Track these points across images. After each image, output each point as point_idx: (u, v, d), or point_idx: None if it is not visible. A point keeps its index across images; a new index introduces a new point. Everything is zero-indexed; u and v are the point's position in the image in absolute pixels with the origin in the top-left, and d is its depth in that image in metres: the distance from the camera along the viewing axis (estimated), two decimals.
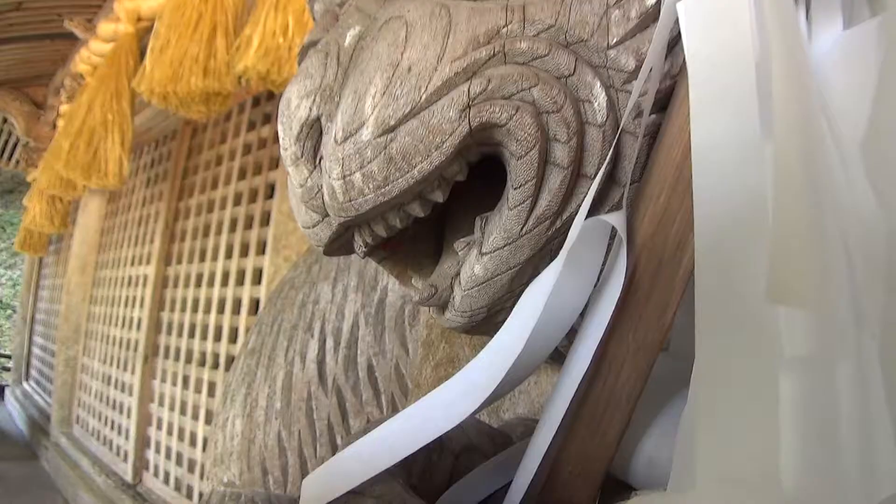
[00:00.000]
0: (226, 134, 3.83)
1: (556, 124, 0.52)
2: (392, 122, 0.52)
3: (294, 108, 0.60)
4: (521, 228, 0.54)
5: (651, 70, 0.52)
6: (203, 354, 3.66)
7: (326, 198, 0.58)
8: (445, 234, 0.66)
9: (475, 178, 0.59)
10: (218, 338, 3.53)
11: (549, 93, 0.52)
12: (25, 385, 8.05)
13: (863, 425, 0.34)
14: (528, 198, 0.53)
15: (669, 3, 0.52)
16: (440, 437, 0.50)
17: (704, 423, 0.38)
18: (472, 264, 0.57)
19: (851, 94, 0.44)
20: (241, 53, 2.32)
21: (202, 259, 3.84)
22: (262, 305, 3.08)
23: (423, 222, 0.62)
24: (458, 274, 0.59)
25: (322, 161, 0.59)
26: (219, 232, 3.68)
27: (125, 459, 4.44)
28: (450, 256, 0.61)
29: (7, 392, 8.65)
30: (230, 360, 3.38)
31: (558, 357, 0.58)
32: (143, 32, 3.52)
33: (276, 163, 3.28)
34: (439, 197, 0.56)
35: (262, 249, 3.27)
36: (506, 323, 0.52)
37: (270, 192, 3.28)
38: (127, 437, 4.46)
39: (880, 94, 0.38)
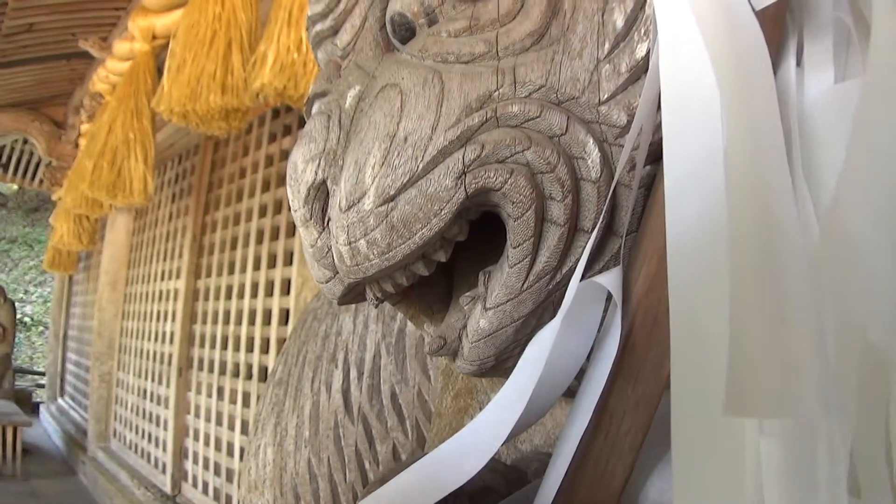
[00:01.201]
0: (248, 146, 3.89)
1: (551, 184, 0.55)
2: (392, 192, 0.55)
3: (301, 172, 0.64)
4: (522, 285, 0.56)
5: (642, 126, 0.54)
6: (236, 365, 3.73)
7: (336, 260, 0.61)
8: (454, 282, 0.69)
9: (478, 223, 0.61)
10: (250, 349, 3.60)
11: (542, 154, 0.55)
12: (60, 401, 8.23)
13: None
14: (526, 256, 0.56)
15: (657, 57, 0.54)
16: None
17: (679, 484, 0.40)
18: (478, 318, 0.59)
19: (837, 150, 0.46)
20: (257, 70, 2.36)
21: (231, 271, 3.91)
22: (291, 316, 3.13)
23: None
24: (465, 326, 0.61)
25: (330, 223, 0.62)
26: (246, 244, 3.74)
27: (163, 471, 4.54)
28: (457, 309, 0.63)
29: (42, 409, 8.84)
30: (263, 370, 3.45)
31: (569, 393, 0.61)
32: (159, 50, 3.58)
33: None
34: (442, 257, 0.59)
35: (289, 260, 3.32)
36: (509, 379, 0.55)
37: None
38: (164, 449, 4.55)
39: (850, 153, 0.40)
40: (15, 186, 12.34)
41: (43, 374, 11.03)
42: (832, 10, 0.51)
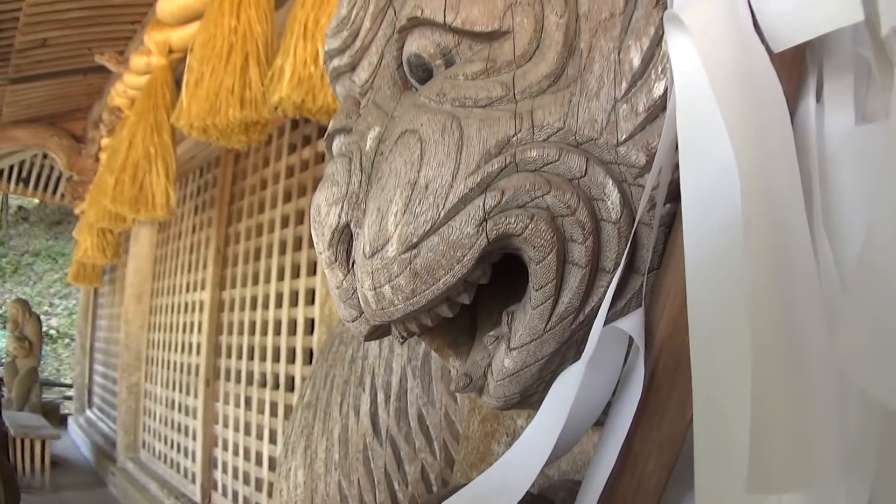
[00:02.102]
0: (268, 158, 3.93)
1: (572, 226, 0.56)
2: (414, 240, 0.57)
3: (324, 216, 0.66)
4: (546, 325, 0.58)
5: (661, 167, 0.55)
6: (263, 375, 3.78)
7: (361, 302, 0.63)
8: (478, 317, 0.70)
9: (501, 263, 0.63)
10: (276, 359, 3.64)
11: (562, 198, 0.56)
12: (89, 413, 8.35)
13: None
14: (549, 297, 0.57)
15: (674, 98, 0.55)
16: None
17: None
18: (502, 357, 0.61)
19: (858, 196, 0.46)
20: (275, 84, 2.38)
21: (255, 282, 3.96)
22: (316, 325, 3.16)
23: None
24: (489, 365, 0.63)
25: (355, 266, 0.64)
26: (269, 255, 3.79)
27: (193, 481, 4.60)
28: (481, 348, 0.65)
29: (70, 420, 8.96)
30: (290, 380, 3.49)
31: (596, 422, 0.62)
32: (176, 63, 3.62)
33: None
34: (466, 300, 0.60)
35: (312, 270, 3.36)
36: (535, 419, 0.56)
37: None
38: (194, 459, 4.62)
39: (879, 203, 0.40)
40: (36, 200, 12.52)
41: (70, 385, 11.19)
42: (852, 45, 0.51)
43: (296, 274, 3.53)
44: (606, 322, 0.57)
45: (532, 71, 0.60)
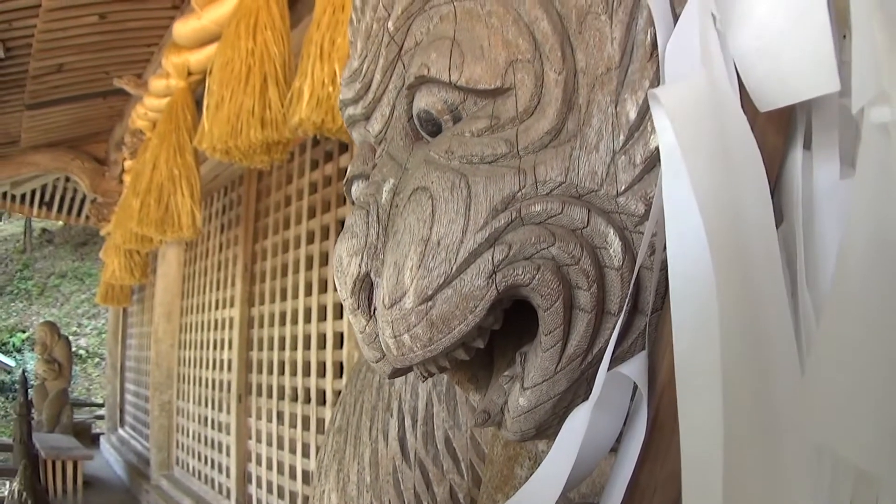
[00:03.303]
0: (291, 175, 4.01)
1: (577, 275, 0.61)
2: (429, 292, 0.62)
3: (346, 266, 0.71)
4: (556, 367, 0.62)
5: (659, 216, 0.60)
6: (294, 390, 3.85)
7: (383, 347, 0.68)
8: (494, 354, 0.75)
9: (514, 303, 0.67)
10: (307, 373, 3.71)
11: (566, 248, 0.61)
12: (121, 431, 8.48)
13: None
14: (558, 341, 0.62)
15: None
16: None
17: None
18: (517, 396, 0.65)
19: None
20: (295, 106, 2.43)
21: (283, 298, 4.03)
22: (345, 340, 3.22)
23: None
24: (506, 402, 0.68)
25: (376, 313, 0.69)
26: (296, 270, 3.86)
27: (228, 496, 4.69)
28: (497, 387, 0.69)
29: (102, 440, 9.10)
30: (321, 393, 3.55)
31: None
32: (196, 85, 3.70)
33: (342, 199, 3.42)
34: (480, 344, 0.65)
35: None
36: (549, 456, 0.61)
37: (341, 228, 3.42)
38: (228, 475, 4.70)
39: (842, 259, 0.44)
40: (60, 223, 12.76)
41: (101, 405, 11.37)
42: (838, 96, 0.55)
43: (323, 289, 3.60)
44: (615, 360, 0.62)
45: (534, 127, 0.65)
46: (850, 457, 0.37)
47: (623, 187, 0.62)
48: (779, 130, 0.56)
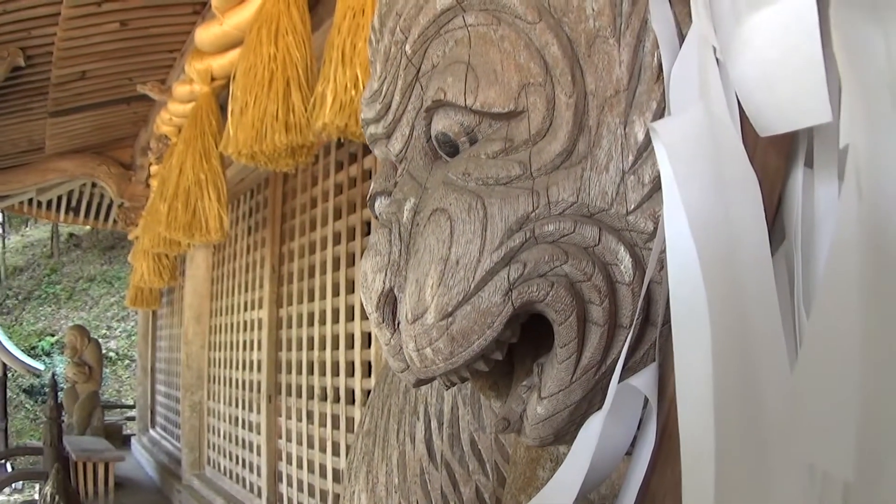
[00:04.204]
0: (316, 177, 4.07)
1: (589, 290, 0.65)
2: (449, 309, 0.66)
3: (371, 282, 0.75)
4: (571, 377, 0.66)
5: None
6: (324, 389, 3.90)
7: (407, 359, 0.72)
8: (514, 362, 0.79)
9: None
10: (336, 373, 3.76)
11: (578, 266, 0.64)
12: (152, 432, 8.60)
13: None
14: (573, 353, 0.65)
15: None
16: None
17: None
18: (535, 405, 0.69)
19: None
20: (318, 111, 2.47)
21: (311, 299, 4.09)
22: (373, 340, 3.27)
23: None
24: (524, 411, 0.72)
25: (400, 326, 0.73)
26: (324, 272, 3.92)
27: (259, 495, 4.76)
28: (515, 396, 0.73)
29: (133, 441, 9.22)
30: (350, 393, 3.60)
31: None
32: (219, 90, 3.76)
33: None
34: (499, 356, 0.69)
35: None
36: (565, 462, 0.65)
37: (367, 229, 3.47)
38: (259, 474, 4.78)
39: (827, 279, 0.47)
40: (88, 227, 12.99)
41: (131, 406, 11.54)
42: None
43: (351, 290, 3.65)
44: (628, 369, 0.65)
45: (546, 149, 0.69)
46: (834, 471, 0.41)
47: (632, 206, 0.66)
48: (780, 152, 0.59)
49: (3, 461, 9.30)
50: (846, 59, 0.43)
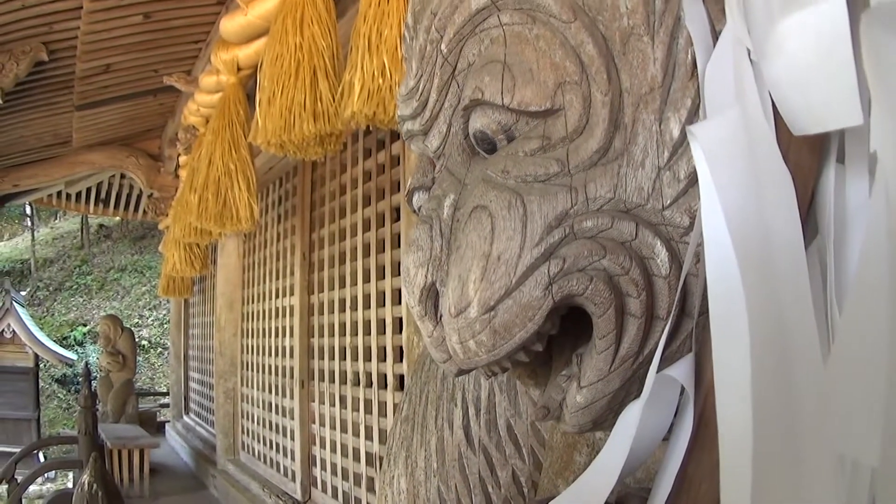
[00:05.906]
0: (345, 164, 4.10)
1: (627, 284, 0.67)
2: (492, 303, 0.69)
3: (413, 276, 0.78)
4: (610, 367, 0.69)
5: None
6: (356, 374, 3.95)
7: (450, 351, 0.75)
8: (552, 352, 0.81)
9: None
10: (368, 358, 3.81)
11: (616, 260, 0.67)
12: (186, 419, 8.73)
13: None
14: (611, 344, 0.68)
15: None
16: None
17: None
18: (574, 394, 0.72)
19: None
20: (346, 99, 2.48)
21: (342, 285, 4.14)
22: (404, 325, 3.31)
23: None
24: (564, 399, 0.74)
25: (443, 319, 0.76)
26: (354, 258, 3.96)
27: (293, 479, 4.84)
28: (555, 385, 0.76)
29: (168, 427, 9.37)
30: (382, 377, 3.65)
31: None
32: (246, 79, 3.78)
33: (397, 186, 3.49)
34: (539, 348, 0.72)
35: (396, 271, 3.50)
36: (603, 449, 0.68)
37: (396, 215, 3.50)
38: (293, 458, 4.85)
39: (860, 275, 0.49)
40: (117, 218, 13.15)
41: (165, 393, 11.71)
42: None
43: (381, 275, 3.69)
44: (665, 359, 0.68)
45: (583, 146, 0.71)
46: (862, 459, 0.43)
47: (668, 201, 0.68)
48: (813, 150, 0.61)
49: (35, 451, 9.47)
50: (875, 70, 0.45)
